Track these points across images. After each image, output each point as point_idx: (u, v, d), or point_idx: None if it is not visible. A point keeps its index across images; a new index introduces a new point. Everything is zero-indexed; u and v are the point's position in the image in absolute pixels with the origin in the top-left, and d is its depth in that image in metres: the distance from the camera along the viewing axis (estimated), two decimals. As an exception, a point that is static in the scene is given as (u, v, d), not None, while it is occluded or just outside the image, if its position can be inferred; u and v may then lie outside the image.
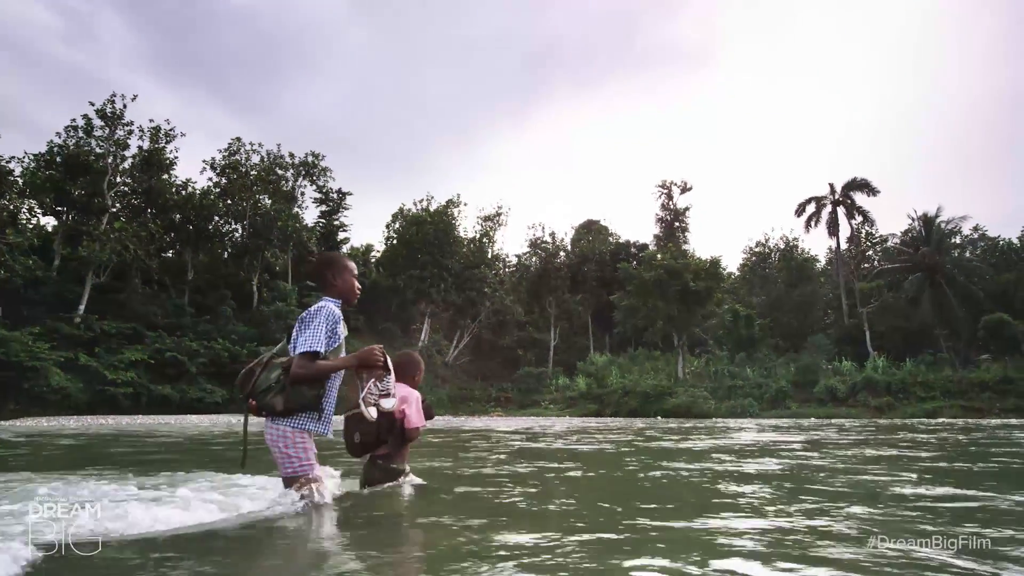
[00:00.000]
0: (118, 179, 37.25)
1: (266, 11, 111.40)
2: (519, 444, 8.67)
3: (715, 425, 18.08)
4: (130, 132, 36.94)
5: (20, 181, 33.76)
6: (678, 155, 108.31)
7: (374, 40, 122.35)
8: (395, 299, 46.52)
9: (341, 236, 51.57)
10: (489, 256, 53.77)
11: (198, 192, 40.71)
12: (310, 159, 48.14)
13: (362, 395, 2.91)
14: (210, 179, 42.72)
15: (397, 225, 52.12)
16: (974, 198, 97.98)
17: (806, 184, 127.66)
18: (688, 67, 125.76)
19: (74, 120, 35.68)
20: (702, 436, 10.72)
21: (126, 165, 37.71)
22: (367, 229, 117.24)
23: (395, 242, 51.16)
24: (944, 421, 21.68)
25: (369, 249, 54.94)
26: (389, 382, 2.99)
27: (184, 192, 40.31)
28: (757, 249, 58.59)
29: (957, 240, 45.65)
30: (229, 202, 41.96)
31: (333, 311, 2.82)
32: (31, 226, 34.98)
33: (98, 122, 35.86)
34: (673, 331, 41.22)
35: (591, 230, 60.12)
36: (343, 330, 2.86)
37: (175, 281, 39.94)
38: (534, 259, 56.83)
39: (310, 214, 49.43)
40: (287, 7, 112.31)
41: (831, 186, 46.59)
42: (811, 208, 46.94)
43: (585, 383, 41.03)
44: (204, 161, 43.05)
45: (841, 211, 46.53)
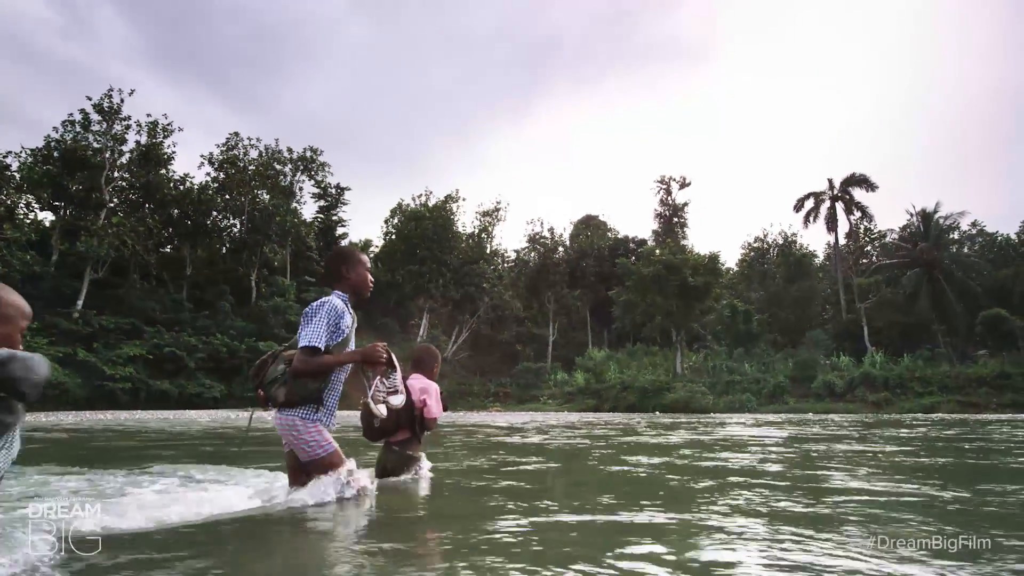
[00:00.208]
0: (116, 174, 37.30)
1: (264, 6, 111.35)
2: (498, 439, 8.71)
3: (710, 420, 18.12)
4: (127, 127, 37.05)
5: (17, 176, 33.90)
6: (677, 150, 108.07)
7: (373, 35, 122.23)
8: (394, 294, 46.58)
9: (339, 232, 51.64)
10: (488, 251, 53.73)
11: (196, 187, 40.70)
12: (308, 154, 48.11)
13: (371, 393, 2.90)
14: (208, 174, 42.78)
15: (396, 220, 52.19)
16: (972, 194, 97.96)
17: (805, 179, 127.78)
18: (687, 63, 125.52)
19: (71, 115, 35.86)
20: (686, 431, 10.75)
21: (124, 160, 37.82)
22: (366, 224, 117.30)
23: (394, 237, 51.22)
24: (933, 417, 21.65)
25: (368, 244, 54.92)
26: (396, 379, 2.99)
27: (182, 187, 40.33)
28: (756, 244, 58.47)
29: (955, 236, 45.59)
30: (227, 197, 41.94)
31: (336, 306, 2.80)
32: (28, 221, 35.03)
33: (95, 117, 35.99)
34: (671, 326, 41.24)
35: (590, 225, 60.08)
36: (350, 322, 2.86)
37: (173, 276, 40.05)
38: (533, 254, 56.78)
39: (308, 209, 49.60)
40: (286, 1, 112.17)
41: (830, 181, 46.52)
42: (810, 203, 46.89)
43: (583, 378, 41.05)
44: (202, 156, 43.19)
45: (840, 206, 46.44)
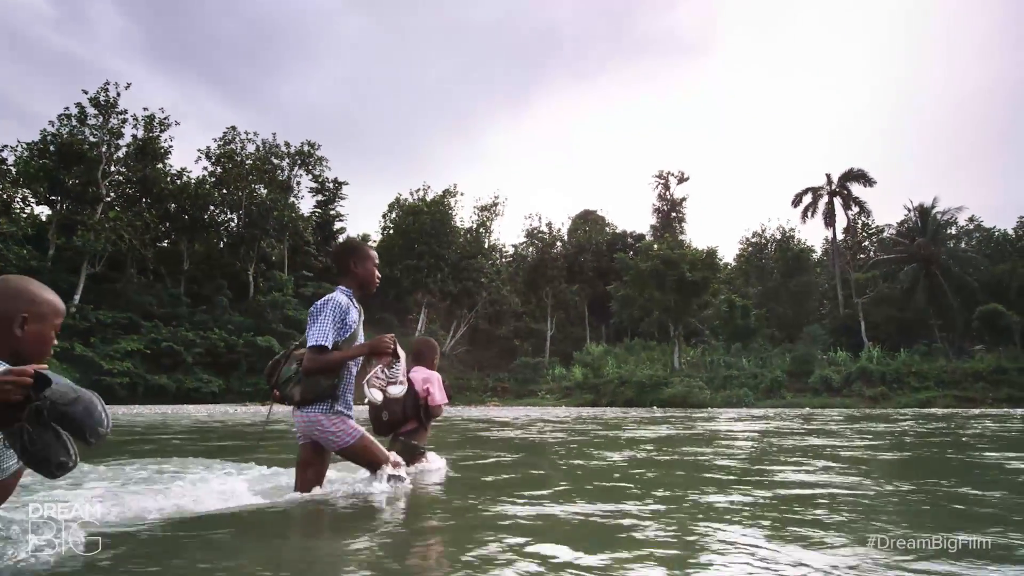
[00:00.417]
0: (112, 168, 37.32)
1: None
2: (475, 433, 8.76)
3: (702, 415, 18.16)
4: (124, 121, 37.05)
5: (13, 170, 33.95)
6: (675, 145, 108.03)
7: (371, 29, 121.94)
8: (392, 289, 46.60)
9: (337, 226, 51.72)
10: (486, 246, 53.76)
11: (193, 181, 40.74)
12: (306, 148, 48.07)
13: (367, 378, 2.95)
14: (205, 168, 42.88)
15: (394, 215, 52.18)
16: (970, 189, 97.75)
17: (803, 174, 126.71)
18: (686, 58, 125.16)
19: (67, 108, 35.89)
20: (671, 427, 10.79)
21: (120, 154, 37.82)
22: (363, 219, 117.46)
23: (392, 232, 51.21)
24: (923, 412, 21.65)
25: (366, 239, 54.82)
26: (398, 369, 3.04)
27: (179, 181, 40.35)
28: (753, 239, 58.31)
29: (952, 231, 45.46)
30: (224, 191, 41.98)
31: (340, 302, 2.81)
32: (25, 215, 35.15)
33: (92, 110, 35.97)
34: (669, 321, 41.22)
35: (588, 220, 60.05)
36: (356, 317, 2.88)
37: (171, 271, 40.12)
38: (531, 249, 56.79)
39: (306, 204, 49.52)
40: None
41: (828, 176, 46.32)
42: (808, 198, 46.69)
43: (581, 373, 41.05)
44: (199, 150, 43.34)
45: (838, 202, 46.29)
